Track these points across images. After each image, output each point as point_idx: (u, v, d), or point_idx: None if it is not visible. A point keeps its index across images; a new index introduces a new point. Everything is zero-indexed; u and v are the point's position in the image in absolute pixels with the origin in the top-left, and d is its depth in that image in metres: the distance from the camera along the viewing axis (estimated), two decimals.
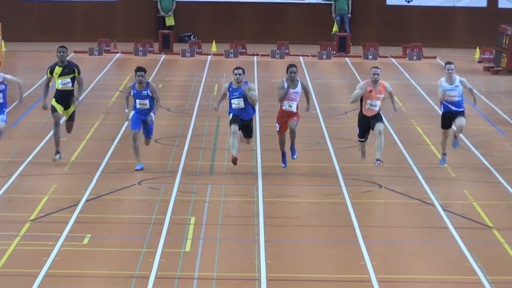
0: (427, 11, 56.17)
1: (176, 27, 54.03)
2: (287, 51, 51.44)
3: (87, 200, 22.79)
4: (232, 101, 22.15)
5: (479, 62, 50.18)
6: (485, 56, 49.98)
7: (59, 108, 22.99)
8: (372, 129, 22.29)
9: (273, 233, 20.97)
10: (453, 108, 23.90)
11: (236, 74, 22.41)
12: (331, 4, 54.24)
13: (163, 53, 51.70)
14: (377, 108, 22.15)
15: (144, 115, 23.07)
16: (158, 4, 54.50)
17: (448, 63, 24.45)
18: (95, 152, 29.49)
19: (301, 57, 50.43)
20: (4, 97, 23.04)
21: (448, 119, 24.13)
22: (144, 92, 22.78)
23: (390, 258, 19.35)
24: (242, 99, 22.04)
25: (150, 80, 24.66)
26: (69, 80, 23.03)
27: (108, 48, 51.65)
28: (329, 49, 51.52)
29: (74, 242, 19.23)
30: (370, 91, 21.97)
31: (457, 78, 24.01)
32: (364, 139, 22.83)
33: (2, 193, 22.67)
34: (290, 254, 19.78)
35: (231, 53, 51.15)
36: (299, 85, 22.83)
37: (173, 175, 26.81)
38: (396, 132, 32.99)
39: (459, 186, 25.65)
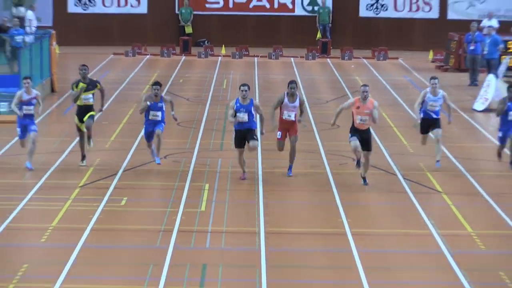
0: (391, 22, 55.81)
1: (193, 34, 54.23)
2: (281, 53, 51.94)
3: (124, 170, 23.26)
4: (238, 114, 20.28)
5: (432, 62, 50.79)
6: (436, 57, 50.70)
7: (82, 126, 21.30)
8: (362, 150, 19.95)
9: (270, 196, 21.54)
10: (433, 115, 22.38)
11: (242, 91, 20.54)
12: (316, 16, 54.67)
13: (183, 55, 52.29)
14: (367, 122, 19.93)
15: (155, 125, 21.28)
16: (179, 16, 54.48)
17: (433, 78, 22.92)
18: (129, 133, 29.74)
19: (292, 58, 51.19)
20: (33, 109, 21.67)
21: (426, 125, 22.58)
22: (160, 104, 21.17)
23: (361, 216, 19.92)
24: (247, 114, 20.20)
25: (163, 94, 22.98)
26: (91, 96, 21.40)
27: (140, 51, 52.05)
28: (314, 52, 52.14)
29: (114, 204, 19.79)
30: (358, 107, 19.68)
31: (441, 91, 22.63)
32: (355, 136, 19.85)
33: (57, 164, 22.86)
34: (284, 212, 20.38)
35: (237, 55, 51.87)
36: (298, 99, 21.05)
37: (191, 151, 27.27)
38: None
39: (416, 160, 25.79)
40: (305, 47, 52.15)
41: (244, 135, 20.33)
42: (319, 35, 53.72)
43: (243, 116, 20.03)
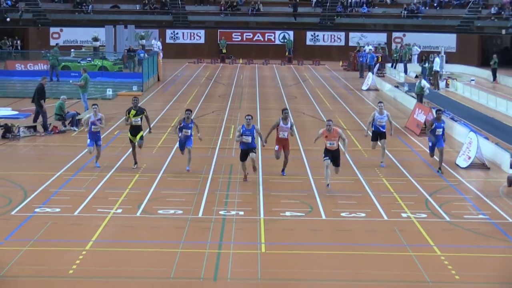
0: (321, 46, 60.65)
1: (226, 53, 58.68)
2: (268, 62, 56.73)
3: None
4: (243, 137, 18.53)
5: (341, 66, 55.10)
6: (344, 64, 55.05)
7: (134, 139, 20.03)
8: (333, 164, 18.10)
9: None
10: (381, 129, 21.08)
11: (247, 119, 18.70)
12: (285, 44, 59.63)
13: (221, 63, 57.17)
14: (335, 145, 17.96)
15: (186, 140, 19.72)
16: (219, 44, 59.50)
17: (380, 102, 22.14)
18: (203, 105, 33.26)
19: (274, 64, 55.95)
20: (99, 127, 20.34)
21: (376, 136, 21.15)
22: (190, 125, 19.57)
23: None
24: (250, 137, 18.49)
25: (194, 116, 21.57)
26: (139, 119, 20.00)
27: (200, 62, 56.59)
28: (284, 61, 57.61)
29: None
30: (326, 136, 17.90)
31: (385, 111, 21.27)
32: (327, 157, 17.89)
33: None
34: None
35: (246, 63, 56.91)
36: (289, 122, 19.47)
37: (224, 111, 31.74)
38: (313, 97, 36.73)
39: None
40: (280, 59, 57.92)
41: (246, 152, 18.68)
42: (287, 53, 58.72)
43: (247, 139, 18.54)
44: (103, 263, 12.82)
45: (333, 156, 18.13)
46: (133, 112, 20.27)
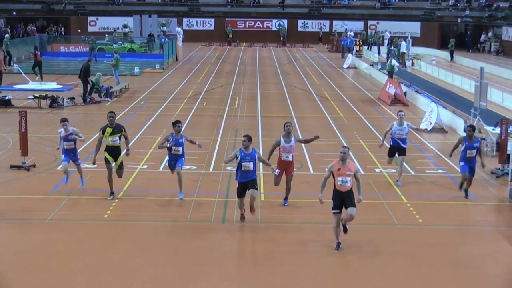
0: (310, 33, 59.74)
1: (232, 37, 58.10)
2: (267, 45, 56.27)
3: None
4: (243, 163, 11.97)
5: (326, 48, 54.58)
6: (328, 47, 54.79)
7: (111, 159, 13.62)
8: (345, 208, 11.06)
9: (265, 110, 24.60)
10: (401, 143, 14.89)
11: (244, 141, 12.09)
12: (280, 30, 59.21)
13: (228, 46, 56.34)
14: (348, 184, 11.03)
15: (175, 160, 13.41)
16: (226, 30, 58.79)
17: (400, 111, 15.47)
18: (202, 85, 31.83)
19: (271, 47, 55.51)
20: (75, 143, 14.05)
21: (394, 151, 15.07)
22: (180, 140, 13.32)
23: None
24: (252, 162, 12.03)
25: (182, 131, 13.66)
26: (117, 138, 13.65)
27: (211, 45, 56.13)
28: (279, 44, 57.12)
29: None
30: (339, 169, 11.13)
31: (406, 122, 15.04)
32: (338, 211, 11.05)
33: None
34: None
35: (249, 46, 56.32)
36: (293, 139, 13.25)
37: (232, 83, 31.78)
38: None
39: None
40: (276, 43, 57.51)
41: (245, 186, 12.08)
42: (281, 38, 58.28)
43: (248, 166, 11.97)
44: (132, 208, 12.73)
45: (344, 197, 10.93)
46: (108, 130, 13.56)
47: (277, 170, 13.12)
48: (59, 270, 9.80)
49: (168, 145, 13.28)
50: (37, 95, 24.53)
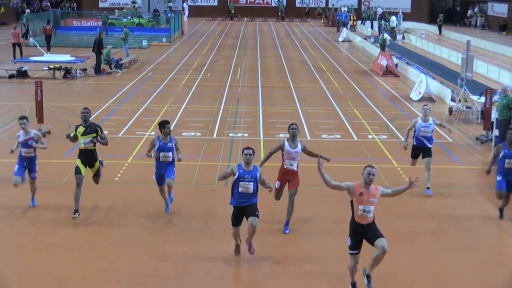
0: (308, 8, 58.45)
1: (234, 13, 57.20)
2: (267, 20, 55.43)
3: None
4: (241, 183, 8.50)
5: (323, 23, 53.48)
6: (325, 21, 53.82)
7: (83, 170, 10.34)
8: (372, 244, 7.56)
9: (265, 80, 24.23)
10: (425, 142, 11.76)
11: (246, 155, 8.56)
12: (278, 6, 58.28)
13: (230, 21, 55.53)
14: (371, 215, 7.55)
15: (164, 168, 10.20)
16: (229, 5, 57.73)
17: (425, 105, 12.20)
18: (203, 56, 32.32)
19: (270, 22, 54.69)
20: (35, 151, 10.48)
21: (418, 151, 11.95)
22: (169, 144, 10.18)
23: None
24: (252, 183, 8.51)
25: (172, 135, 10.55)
26: (89, 139, 10.30)
27: (214, 20, 55.28)
28: (278, 19, 56.30)
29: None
30: (361, 193, 7.51)
31: (432, 118, 11.86)
32: (357, 251, 7.63)
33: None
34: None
35: (250, 20, 55.60)
36: (299, 145, 9.74)
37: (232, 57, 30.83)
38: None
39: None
40: (275, 18, 56.64)
41: (242, 212, 8.60)
42: (280, 13, 57.40)
43: (247, 186, 8.47)
44: (141, 172, 12.67)
45: (366, 232, 7.67)
46: (80, 130, 10.41)
47: (277, 182, 9.80)
48: (70, 224, 9.99)
49: (153, 155, 10.12)
50: (52, 66, 24.41)
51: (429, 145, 11.78)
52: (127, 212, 10.52)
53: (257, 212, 8.49)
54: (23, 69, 24.02)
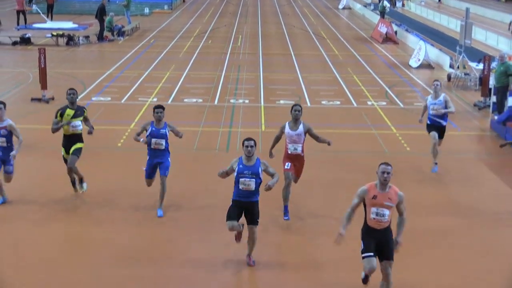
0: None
1: None
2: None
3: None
4: (241, 180, 7.14)
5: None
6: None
7: (67, 156, 9.36)
8: (380, 260, 6.11)
9: (265, 47, 23.57)
10: (438, 120, 10.72)
11: (247, 147, 7.17)
12: None
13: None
14: (386, 219, 6.02)
15: (157, 157, 8.81)
16: None
17: (436, 80, 10.93)
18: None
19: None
20: (8, 141, 8.87)
21: (432, 129, 10.79)
22: (162, 131, 8.79)
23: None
24: (253, 180, 7.10)
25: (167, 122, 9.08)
26: (80, 122, 9.24)
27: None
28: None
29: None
30: (374, 196, 6.00)
31: (443, 94, 10.69)
32: (372, 254, 6.02)
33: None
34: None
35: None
36: (301, 126, 8.68)
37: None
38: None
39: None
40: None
41: (241, 207, 7.27)
42: None
43: (248, 183, 7.18)
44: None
45: (380, 241, 6.29)
46: (69, 112, 9.30)
47: (287, 163, 8.80)
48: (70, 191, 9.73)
49: (143, 140, 8.78)
50: (55, 33, 24.22)
51: (444, 123, 10.85)
52: (128, 176, 10.33)
53: (257, 219, 7.24)
54: (27, 36, 23.87)
